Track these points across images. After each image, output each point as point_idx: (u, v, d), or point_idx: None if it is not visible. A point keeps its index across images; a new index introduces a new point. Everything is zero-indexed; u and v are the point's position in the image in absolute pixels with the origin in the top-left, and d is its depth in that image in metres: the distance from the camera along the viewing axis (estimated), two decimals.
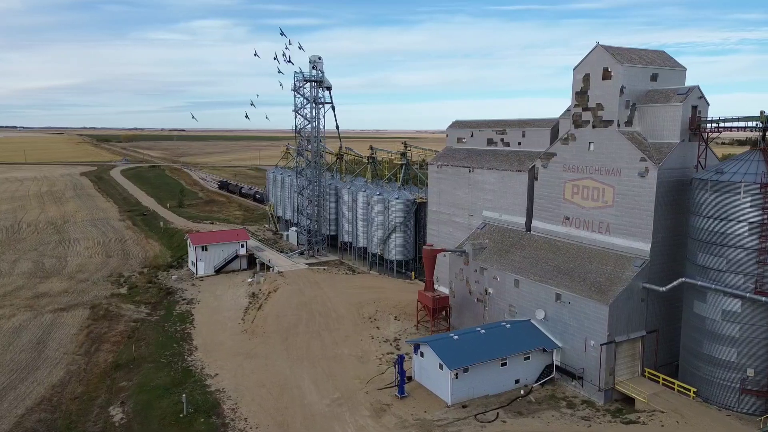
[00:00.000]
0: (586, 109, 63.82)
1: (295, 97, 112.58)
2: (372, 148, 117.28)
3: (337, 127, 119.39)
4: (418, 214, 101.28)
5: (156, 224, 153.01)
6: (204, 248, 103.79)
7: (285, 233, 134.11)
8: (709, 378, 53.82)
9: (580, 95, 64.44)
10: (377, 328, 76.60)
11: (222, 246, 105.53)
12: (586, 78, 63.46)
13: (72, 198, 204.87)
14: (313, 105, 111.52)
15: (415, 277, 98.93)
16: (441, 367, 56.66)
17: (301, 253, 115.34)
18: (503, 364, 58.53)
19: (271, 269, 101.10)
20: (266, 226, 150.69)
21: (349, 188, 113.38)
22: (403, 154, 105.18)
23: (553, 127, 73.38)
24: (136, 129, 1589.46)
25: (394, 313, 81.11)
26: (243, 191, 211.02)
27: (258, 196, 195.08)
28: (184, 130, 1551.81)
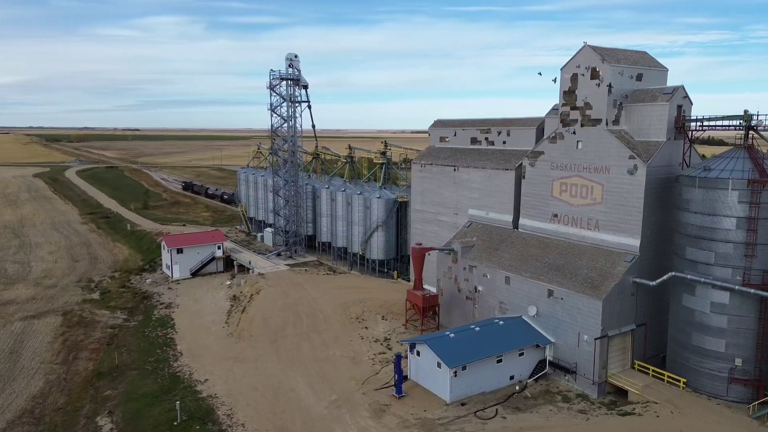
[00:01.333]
0: (574, 108, 64.97)
1: (270, 95, 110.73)
2: (350, 147, 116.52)
3: (314, 126, 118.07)
4: (399, 213, 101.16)
5: (121, 227, 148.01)
6: (179, 251, 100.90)
7: (259, 234, 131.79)
8: (697, 368, 55.56)
9: (568, 94, 65.56)
10: (366, 328, 76.06)
11: (198, 248, 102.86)
12: (574, 78, 64.60)
13: (28, 201, 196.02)
14: (290, 103, 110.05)
15: (398, 277, 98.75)
16: (439, 365, 56.66)
17: (279, 254, 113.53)
18: (499, 361, 58.99)
19: (251, 271, 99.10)
20: (238, 227, 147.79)
21: (327, 188, 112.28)
22: (384, 153, 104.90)
23: (538, 125, 74.40)
24: (86, 128, 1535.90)
25: (381, 312, 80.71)
26: (209, 192, 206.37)
27: (226, 196, 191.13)
28: (138, 130, 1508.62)
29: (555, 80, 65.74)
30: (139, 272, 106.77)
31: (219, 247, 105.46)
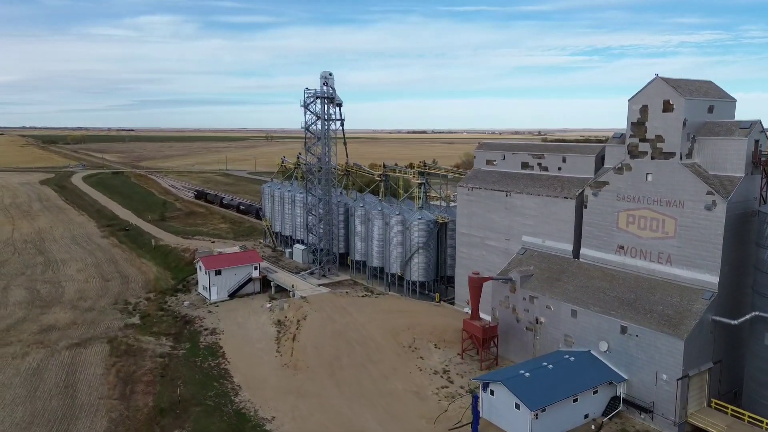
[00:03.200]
0: (643, 140, 64.13)
1: (305, 113, 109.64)
2: (384, 166, 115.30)
3: (345, 143, 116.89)
4: (439, 234, 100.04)
5: (143, 241, 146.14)
6: (217, 272, 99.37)
7: (287, 250, 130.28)
8: None
9: (637, 126, 64.73)
10: (421, 358, 74.96)
11: (235, 269, 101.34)
12: (644, 109, 63.78)
13: (41, 211, 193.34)
14: (324, 122, 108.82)
15: (440, 300, 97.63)
16: (518, 406, 55.65)
17: (312, 273, 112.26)
18: (575, 400, 58.06)
19: (292, 294, 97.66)
20: (261, 241, 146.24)
21: (362, 206, 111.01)
22: (422, 173, 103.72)
23: (597, 153, 73.58)
24: (80, 128, 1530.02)
25: (432, 340, 79.57)
26: (224, 202, 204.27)
27: (242, 207, 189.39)
28: (133, 130, 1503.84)
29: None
30: (173, 293, 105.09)
31: (256, 268, 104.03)
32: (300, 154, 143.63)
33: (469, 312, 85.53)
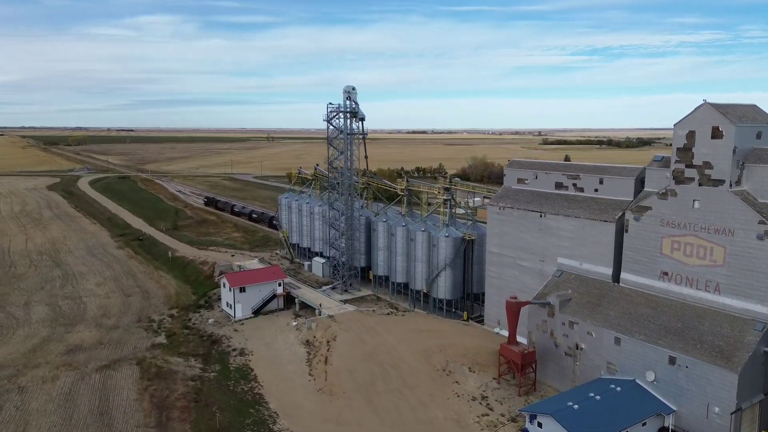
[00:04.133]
0: (690, 165, 63.22)
1: (327, 127, 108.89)
2: (407, 180, 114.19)
3: (366, 156, 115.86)
4: (466, 251, 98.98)
5: (158, 252, 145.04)
6: (242, 290, 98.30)
7: (306, 263, 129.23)
8: None
9: (683, 151, 63.83)
10: (456, 382, 73.97)
11: (259, 286, 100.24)
12: (691, 135, 62.88)
13: (52, 219, 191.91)
14: (347, 136, 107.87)
15: (468, 318, 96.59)
16: None
17: (334, 288, 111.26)
18: None
19: (319, 313, 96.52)
20: (278, 252, 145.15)
21: (385, 221, 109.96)
22: (447, 189, 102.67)
23: (637, 176, 72.65)
24: (79, 128, 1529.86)
25: (466, 363, 78.52)
26: (235, 209, 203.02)
27: (255, 215, 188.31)
28: (132, 130, 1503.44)
29: None
30: (195, 309, 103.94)
31: (280, 284, 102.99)
32: (317, 165, 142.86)
33: (500, 332, 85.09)
